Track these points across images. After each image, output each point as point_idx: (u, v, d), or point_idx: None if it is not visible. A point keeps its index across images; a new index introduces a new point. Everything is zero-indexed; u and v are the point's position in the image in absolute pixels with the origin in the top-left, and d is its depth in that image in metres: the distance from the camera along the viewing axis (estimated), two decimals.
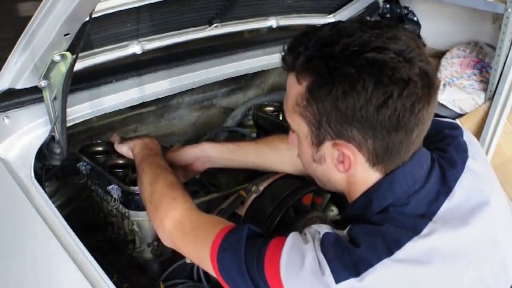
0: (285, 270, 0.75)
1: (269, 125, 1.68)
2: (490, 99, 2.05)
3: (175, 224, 0.98)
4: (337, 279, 0.72)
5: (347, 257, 0.74)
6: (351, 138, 0.78)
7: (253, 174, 1.39)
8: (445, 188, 0.84)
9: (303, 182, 1.34)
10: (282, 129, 1.60)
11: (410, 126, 0.77)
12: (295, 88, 0.81)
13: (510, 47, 1.95)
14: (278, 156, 1.31)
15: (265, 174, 1.36)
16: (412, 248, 0.75)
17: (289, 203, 1.25)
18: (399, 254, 0.75)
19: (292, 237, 0.81)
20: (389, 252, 0.74)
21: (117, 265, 1.29)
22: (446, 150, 0.89)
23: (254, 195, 1.29)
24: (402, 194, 0.82)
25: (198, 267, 1.25)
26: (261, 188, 1.30)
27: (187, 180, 1.40)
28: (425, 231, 0.78)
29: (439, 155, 0.88)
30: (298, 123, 0.84)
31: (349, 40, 0.75)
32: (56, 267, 0.96)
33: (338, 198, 1.38)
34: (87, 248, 0.97)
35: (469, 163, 0.89)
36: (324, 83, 0.76)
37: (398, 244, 0.75)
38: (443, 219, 0.80)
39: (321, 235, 0.79)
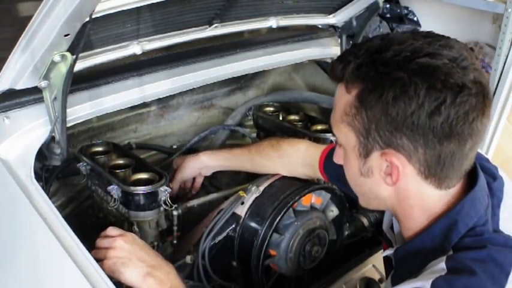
0: None
1: (269, 125, 1.68)
2: None
3: None
4: None
5: None
6: (401, 147, 0.75)
7: (253, 174, 1.40)
8: (495, 199, 0.84)
9: (303, 183, 1.34)
10: (282, 129, 1.60)
11: (464, 136, 0.74)
12: (344, 98, 0.79)
13: (510, 47, 1.95)
14: (270, 164, 1.35)
15: (265, 174, 1.36)
16: None
17: (289, 203, 1.25)
18: None
19: None
20: (506, 278, 0.74)
21: None
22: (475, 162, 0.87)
23: (254, 195, 1.29)
24: (482, 211, 0.80)
25: (198, 267, 1.25)
26: (261, 188, 1.31)
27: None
28: None
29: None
30: (345, 135, 0.81)
31: (400, 47, 0.74)
32: (56, 267, 0.96)
33: (338, 199, 1.39)
34: (87, 248, 0.97)
35: (500, 171, 0.89)
36: (373, 89, 0.74)
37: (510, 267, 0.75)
38: (507, 231, 0.81)
39: None
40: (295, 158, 1.31)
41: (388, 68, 0.73)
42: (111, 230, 1.07)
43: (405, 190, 0.81)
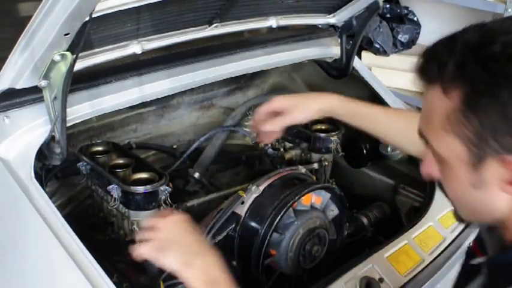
0: None
1: None
2: None
3: None
4: None
5: None
6: None
7: (253, 174, 1.40)
8: None
9: (303, 182, 1.35)
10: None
11: None
12: (442, 103, 0.69)
13: None
14: (408, 132, 1.12)
15: (265, 174, 1.37)
16: None
17: (289, 203, 1.25)
18: None
19: None
20: None
21: (117, 265, 1.29)
22: None
23: (254, 195, 1.29)
24: None
25: None
26: (261, 187, 1.31)
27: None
28: None
29: None
30: (449, 146, 0.71)
31: (508, 38, 0.65)
32: (56, 267, 0.96)
33: (338, 198, 1.39)
34: (87, 248, 0.97)
35: None
36: (485, 90, 0.65)
37: None
38: None
39: None
40: None
41: (500, 64, 0.64)
42: (165, 211, 1.00)
43: None
